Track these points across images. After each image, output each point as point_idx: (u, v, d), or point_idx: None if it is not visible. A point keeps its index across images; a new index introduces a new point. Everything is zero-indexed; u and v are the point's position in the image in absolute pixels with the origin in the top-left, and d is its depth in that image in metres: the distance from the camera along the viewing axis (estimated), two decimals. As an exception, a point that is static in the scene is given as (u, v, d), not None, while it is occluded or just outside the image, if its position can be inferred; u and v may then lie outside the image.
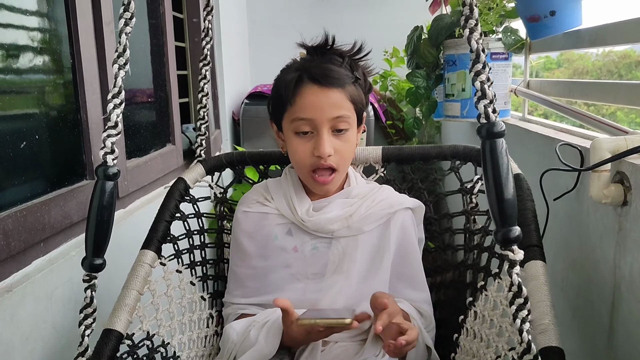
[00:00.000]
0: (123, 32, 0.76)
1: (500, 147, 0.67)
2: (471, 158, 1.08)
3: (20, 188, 0.92)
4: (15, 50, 0.93)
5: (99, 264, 0.78)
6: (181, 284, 1.05)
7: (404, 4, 3.20)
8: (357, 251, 0.99)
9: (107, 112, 0.77)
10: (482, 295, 0.96)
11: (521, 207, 0.91)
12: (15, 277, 0.86)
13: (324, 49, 0.98)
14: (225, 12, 2.52)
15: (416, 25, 1.70)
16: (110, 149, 0.77)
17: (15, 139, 0.91)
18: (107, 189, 0.76)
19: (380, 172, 1.16)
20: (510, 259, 0.69)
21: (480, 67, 0.69)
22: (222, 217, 1.22)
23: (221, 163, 1.19)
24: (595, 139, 0.91)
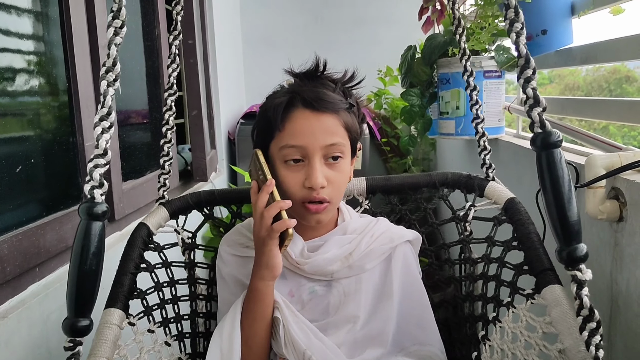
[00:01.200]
0: (112, 43, 0.66)
1: (558, 157, 0.64)
2: (460, 185, 1.03)
3: (16, 212, 0.92)
4: (11, 73, 0.93)
5: (84, 325, 0.64)
6: (155, 345, 0.92)
7: (397, 24, 3.24)
8: (361, 293, 0.90)
9: (95, 137, 0.65)
10: (495, 328, 0.90)
11: (524, 232, 0.89)
12: (10, 303, 0.85)
13: (315, 74, 0.90)
14: (219, 33, 2.54)
15: (409, 45, 1.72)
16: (99, 182, 0.64)
17: (11, 163, 0.91)
18: (94, 232, 0.63)
19: (365, 205, 1.08)
20: (579, 279, 0.64)
21: (530, 72, 0.65)
22: (192, 266, 1.06)
23: (187, 204, 1.04)
24: (590, 156, 0.92)
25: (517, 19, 0.65)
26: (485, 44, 1.49)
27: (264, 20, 3.35)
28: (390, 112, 3.04)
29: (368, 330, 0.89)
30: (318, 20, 3.36)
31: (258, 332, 0.85)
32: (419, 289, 0.95)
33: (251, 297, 0.85)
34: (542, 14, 1.22)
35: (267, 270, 0.83)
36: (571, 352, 0.69)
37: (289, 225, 0.79)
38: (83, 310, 0.64)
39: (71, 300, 0.63)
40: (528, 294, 0.83)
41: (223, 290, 0.95)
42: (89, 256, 0.63)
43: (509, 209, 0.95)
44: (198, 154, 2.08)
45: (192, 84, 2.09)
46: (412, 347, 0.91)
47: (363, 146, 2.64)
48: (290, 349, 0.83)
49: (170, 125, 1.02)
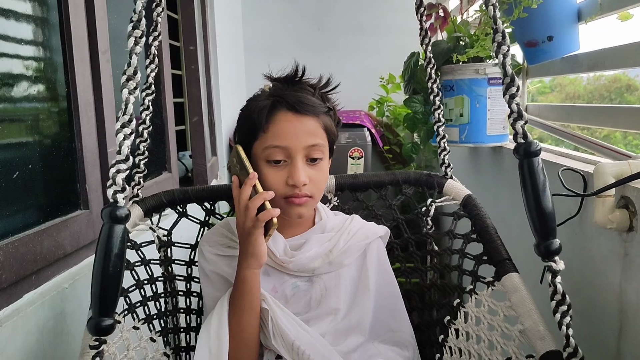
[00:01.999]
0: (133, 53, 0.68)
1: (537, 165, 0.72)
2: (421, 183, 1.11)
3: (12, 219, 0.90)
4: (9, 79, 0.92)
5: (108, 325, 0.67)
6: (141, 342, 0.95)
7: (399, 31, 3.24)
8: (340, 287, 0.97)
9: (117, 143, 0.68)
10: (460, 313, 0.98)
11: (483, 225, 0.97)
12: (5, 312, 0.83)
13: (294, 79, 0.95)
14: (221, 40, 2.54)
15: (413, 52, 1.71)
16: (121, 186, 0.67)
17: (8, 168, 0.89)
18: (117, 234, 0.66)
19: (334, 202, 1.14)
20: (554, 269, 0.73)
21: (514, 90, 0.72)
22: (169, 263, 1.09)
23: (160, 202, 1.06)
24: (599, 164, 0.90)
25: (504, 42, 0.73)
26: (490, 50, 1.47)
27: (266, 29, 3.35)
28: (392, 120, 3.03)
29: (348, 321, 0.95)
30: (320, 29, 3.35)
31: (249, 323, 0.89)
32: (391, 281, 1.02)
33: (239, 287, 0.88)
34: (548, 20, 1.21)
35: (254, 259, 0.87)
36: (530, 332, 0.79)
37: (273, 214, 0.84)
38: (107, 310, 0.67)
39: (96, 301, 0.66)
40: (489, 281, 0.92)
41: (208, 288, 0.97)
42: (112, 258, 0.65)
43: (467, 204, 1.03)
44: (199, 160, 2.07)
45: (193, 90, 2.08)
46: (386, 334, 0.99)
47: (365, 153, 2.63)
48: (279, 340, 0.88)
49: (147, 124, 1.03)
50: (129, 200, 1.03)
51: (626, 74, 4.24)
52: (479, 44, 1.44)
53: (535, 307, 0.81)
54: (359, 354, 0.95)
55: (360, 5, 3.35)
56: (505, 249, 0.92)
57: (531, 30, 1.23)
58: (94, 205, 1.13)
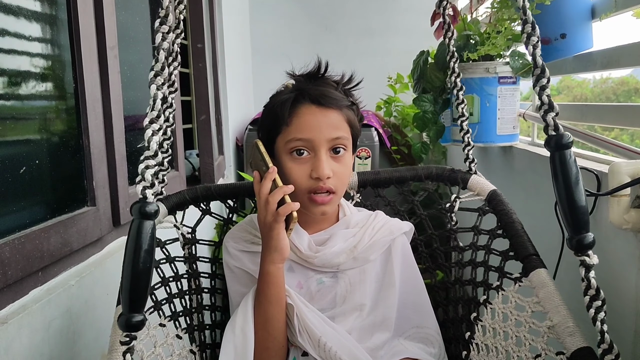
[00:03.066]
0: (160, 48, 0.68)
1: (569, 157, 0.71)
2: (444, 178, 1.09)
3: (19, 215, 0.89)
4: (17, 75, 0.91)
5: (138, 321, 0.67)
6: (167, 339, 0.95)
7: (407, 31, 3.22)
8: (365, 282, 0.96)
9: (145, 139, 0.68)
10: (487, 310, 0.96)
11: (508, 221, 0.96)
12: (11, 308, 0.82)
13: (317, 75, 0.96)
14: (229, 40, 2.53)
15: (422, 50, 1.69)
16: (150, 182, 0.67)
17: (15, 164, 0.88)
18: (146, 230, 0.65)
19: (356, 198, 1.13)
20: (587, 264, 0.71)
21: (545, 81, 0.71)
22: (194, 260, 1.09)
23: (184, 200, 1.06)
24: (614, 163, 0.88)
25: (534, 33, 0.72)
26: (501, 48, 1.45)
27: (273, 29, 3.34)
28: (400, 120, 3.01)
29: (373, 317, 0.95)
30: (328, 30, 3.34)
31: (275, 315, 0.89)
32: (415, 276, 1.01)
33: (264, 281, 0.88)
34: (561, 17, 1.19)
35: (277, 253, 0.87)
36: (560, 328, 0.77)
37: (293, 208, 0.84)
38: (137, 306, 0.66)
39: (126, 297, 0.66)
40: (516, 277, 0.91)
41: (233, 283, 0.98)
42: (141, 254, 0.65)
43: (492, 200, 1.02)
44: (206, 159, 2.06)
45: (201, 88, 2.07)
46: (411, 330, 0.98)
47: (373, 154, 2.61)
48: (305, 337, 0.89)
49: (170, 122, 1.02)
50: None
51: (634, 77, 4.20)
52: (490, 41, 1.42)
53: (564, 303, 0.80)
54: (385, 350, 0.94)
55: (368, 6, 3.34)
56: (532, 245, 0.91)
57: (544, 28, 1.21)
58: (101, 202, 1.12)
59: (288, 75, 0.97)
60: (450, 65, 1.09)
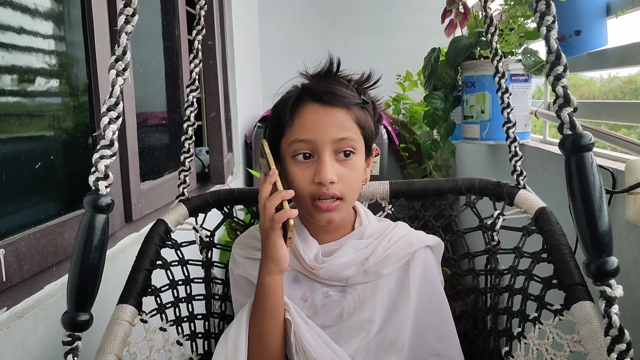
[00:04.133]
0: (123, 31, 0.63)
1: (589, 162, 0.58)
2: (487, 192, 0.98)
3: (34, 210, 0.90)
4: (32, 72, 0.91)
5: (83, 320, 0.62)
6: (166, 344, 0.90)
7: (417, 28, 3.21)
8: (377, 299, 0.86)
9: (101, 128, 0.63)
10: (520, 344, 0.85)
11: (555, 243, 0.84)
12: (27, 303, 0.83)
13: (329, 74, 0.88)
14: (238, 37, 2.53)
15: (433, 47, 1.69)
16: (104, 173, 0.63)
17: (30, 159, 0.89)
18: (97, 224, 0.61)
19: (387, 210, 1.04)
20: (609, 296, 0.59)
21: (560, 69, 0.60)
22: (209, 265, 1.05)
23: (207, 203, 1.03)
24: (631, 160, 0.88)
25: (549, 12, 0.60)
26: (513, 45, 1.45)
27: (282, 26, 3.34)
28: (408, 118, 3.00)
29: (382, 337, 0.85)
30: (336, 27, 3.34)
31: (270, 330, 0.82)
32: (438, 297, 0.90)
33: (260, 293, 0.82)
34: (576, 14, 1.18)
35: (273, 264, 0.80)
36: None
37: (289, 215, 0.76)
38: (83, 304, 0.62)
39: (72, 294, 0.62)
40: (556, 309, 0.79)
41: (236, 292, 0.92)
42: (91, 249, 0.61)
43: (540, 218, 0.89)
44: (216, 156, 2.06)
45: (211, 85, 2.07)
46: (430, 358, 0.87)
47: (381, 151, 2.60)
48: (302, 357, 0.81)
49: (192, 121, 1.01)
50: (175, 199, 1.03)
51: (640, 76, 4.16)
52: (502, 38, 1.42)
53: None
54: None
55: (377, 2, 3.33)
56: (580, 273, 0.79)
57: (558, 25, 1.20)
58: (114, 197, 1.11)
59: (300, 75, 0.89)
60: (493, 63, 0.98)
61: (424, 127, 2.18)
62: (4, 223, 0.82)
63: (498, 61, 0.98)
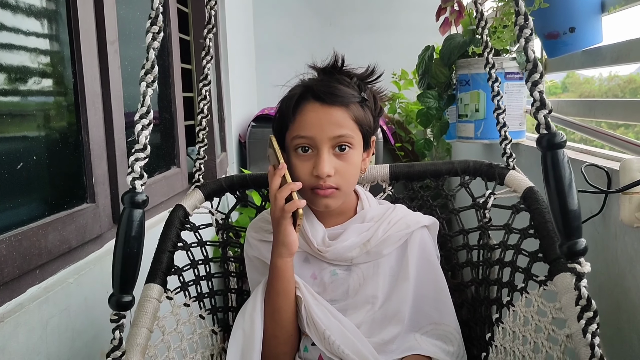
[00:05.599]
0: (151, 48, 0.72)
1: (562, 157, 0.67)
2: (481, 173, 1.07)
3: (16, 211, 0.88)
4: (15, 71, 0.89)
5: (127, 301, 0.72)
6: (190, 318, 1.01)
7: (412, 27, 3.20)
8: (379, 276, 0.97)
9: (135, 134, 0.73)
10: (509, 312, 0.94)
11: (541, 220, 0.92)
12: (7, 307, 0.80)
13: (334, 70, 0.96)
14: (232, 36, 2.51)
15: (427, 45, 1.67)
16: (139, 173, 0.72)
17: (11, 160, 0.87)
18: (135, 218, 0.70)
19: (388, 191, 1.13)
20: (578, 272, 0.68)
21: (537, 76, 0.68)
22: (225, 245, 1.16)
23: (221, 187, 1.14)
24: (625, 160, 0.86)
25: (527, 25, 0.69)
26: (507, 42, 1.43)
27: (277, 25, 3.32)
28: (404, 117, 2.99)
29: (385, 309, 0.95)
30: (332, 25, 3.32)
31: (282, 306, 0.92)
32: (434, 271, 0.99)
33: (272, 274, 0.92)
34: (570, 11, 1.17)
35: (284, 248, 0.90)
36: (577, 337, 0.72)
37: (299, 205, 0.86)
38: (127, 287, 0.71)
39: (117, 279, 0.70)
40: (541, 280, 0.87)
41: (252, 272, 1.03)
42: (131, 240, 0.69)
43: (528, 197, 0.97)
44: (208, 155, 2.04)
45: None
46: (428, 326, 0.97)
47: (376, 151, 2.59)
48: (312, 328, 0.91)
49: (205, 113, 1.11)
50: (191, 185, 1.14)
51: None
52: (495, 35, 1.40)
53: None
54: (396, 344, 0.94)
55: (373, 2, 3.31)
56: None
57: (552, 21, 1.19)
58: (101, 198, 1.10)
59: (310, 68, 0.98)
60: (484, 55, 1.06)
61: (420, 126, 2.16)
62: (-16, 225, 0.80)
63: (489, 53, 1.06)
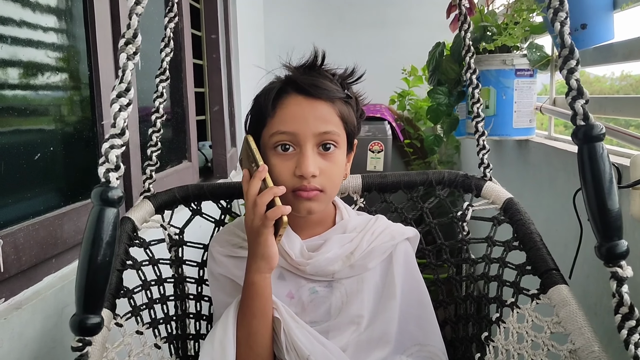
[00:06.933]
0: (133, 13, 0.59)
1: (601, 151, 0.62)
2: (457, 185, 1.02)
3: (33, 201, 0.89)
4: (35, 66, 0.91)
5: (94, 323, 0.57)
6: (144, 348, 0.87)
7: (422, 23, 3.19)
8: (363, 293, 0.87)
9: (111, 115, 0.59)
10: (500, 329, 0.87)
11: (526, 232, 0.88)
12: (25, 294, 0.82)
13: (313, 66, 0.86)
14: (242, 32, 2.52)
15: (438, 42, 1.67)
16: (115, 164, 0.58)
17: (30, 150, 0.88)
18: (107, 219, 0.56)
19: (359, 203, 1.05)
20: (619, 276, 0.63)
21: (573, 63, 0.63)
22: (180, 264, 1.01)
23: (174, 199, 1.00)
24: (636, 155, 0.87)
25: (562, 8, 0.63)
26: (518, 39, 1.43)
27: (287, 21, 3.33)
28: (413, 114, 2.99)
29: (371, 331, 0.86)
30: (342, 21, 3.32)
31: (259, 330, 0.80)
32: (419, 287, 0.92)
33: (248, 292, 0.80)
34: (581, 7, 1.17)
35: (264, 262, 0.78)
36: (583, 352, 0.69)
37: (283, 212, 0.75)
38: (94, 306, 0.57)
39: (81, 295, 0.56)
40: (533, 294, 0.82)
41: (217, 292, 0.90)
42: (101, 246, 0.55)
43: (509, 209, 0.94)
44: (219, 150, 2.06)
45: (214, 79, 2.07)
46: (413, 347, 0.89)
47: (385, 147, 2.59)
48: (293, 355, 0.80)
49: (160, 113, 0.98)
50: (140, 195, 1.00)
51: (654, 74, 4.13)
52: (507, 32, 1.40)
53: (588, 324, 0.72)
54: None
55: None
56: (552, 258, 0.83)
57: (564, 18, 1.18)
58: (115, 190, 1.12)
59: (284, 67, 0.87)
60: (465, 59, 1.03)
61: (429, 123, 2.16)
62: (3, 214, 0.82)
63: (470, 57, 1.04)
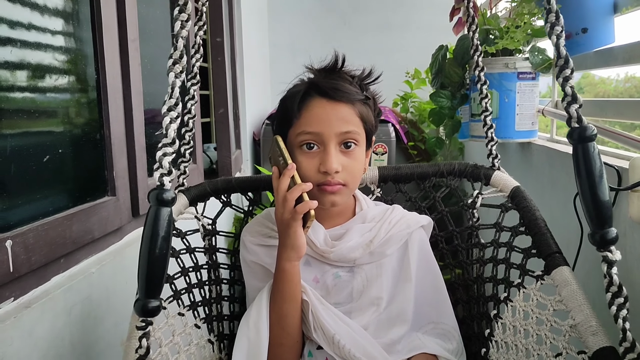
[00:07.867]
0: (179, 36, 0.68)
1: (593, 150, 0.69)
2: (467, 174, 1.09)
3: (43, 202, 0.91)
4: (43, 68, 0.93)
5: (154, 306, 0.67)
6: (186, 328, 0.97)
7: (425, 26, 3.21)
8: (382, 277, 0.96)
9: (163, 127, 0.68)
10: (507, 307, 0.95)
11: (532, 218, 0.94)
12: (34, 293, 0.84)
13: (334, 69, 0.95)
14: (247, 35, 2.54)
15: (441, 45, 1.69)
16: (168, 169, 0.67)
17: (39, 152, 0.90)
18: (163, 217, 0.65)
19: (376, 193, 1.13)
20: (610, 260, 0.69)
21: (568, 72, 0.70)
22: (213, 251, 1.11)
23: (205, 192, 1.08)
24: (635, 158, 0.88)
25: (558, 23, 0.71)
26: (520, 43, 1.44)
27: (291, 24, 3.35)
28: (417, 116, 3.00)
29: (390, 310, 0.95)
30: (346, 25, 3.34)
31: (290, 312, 0.90)
32: (433, 271, 1.00)
33: (279, 278, 0.89)
34: (582, 11, 1.18)
35: (293, 251, 0.87)
36: (582, 327, 0.76)
37: (311, 206, 0.84)
38: (154, 291, 0.67)
39: (142, 283, 0.66)
40: (538, 275, 0.89)
41: (250, 278, 0.99)
42: (158, 240, 0.65)
43: (516, 196, 1.00)
44: (224, 152, 2.08)
45: (219, 81, 2.09)
46: (428, 325, 0.98)
47: (389, 149, 2.61)
48: (320, 334, 0.89)
49: (193, 114, 1.05)
50: (175, 189, 1.05)
51: (656, 77, 4.12)
52: (508, 35, 1.41)
53: (587, 302, 0.79)
54: (402, 345, 0.94)
55: (387, 1, 3.33)
56: (555, 242, 0.89)
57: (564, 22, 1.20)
58: (121, 192, 1.13)
59: (307, 69, 0.97)
60: (474, 58, 1.07)
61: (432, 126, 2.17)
62: (13, 215, 0.83)
63: (478, 56, 1.08)
